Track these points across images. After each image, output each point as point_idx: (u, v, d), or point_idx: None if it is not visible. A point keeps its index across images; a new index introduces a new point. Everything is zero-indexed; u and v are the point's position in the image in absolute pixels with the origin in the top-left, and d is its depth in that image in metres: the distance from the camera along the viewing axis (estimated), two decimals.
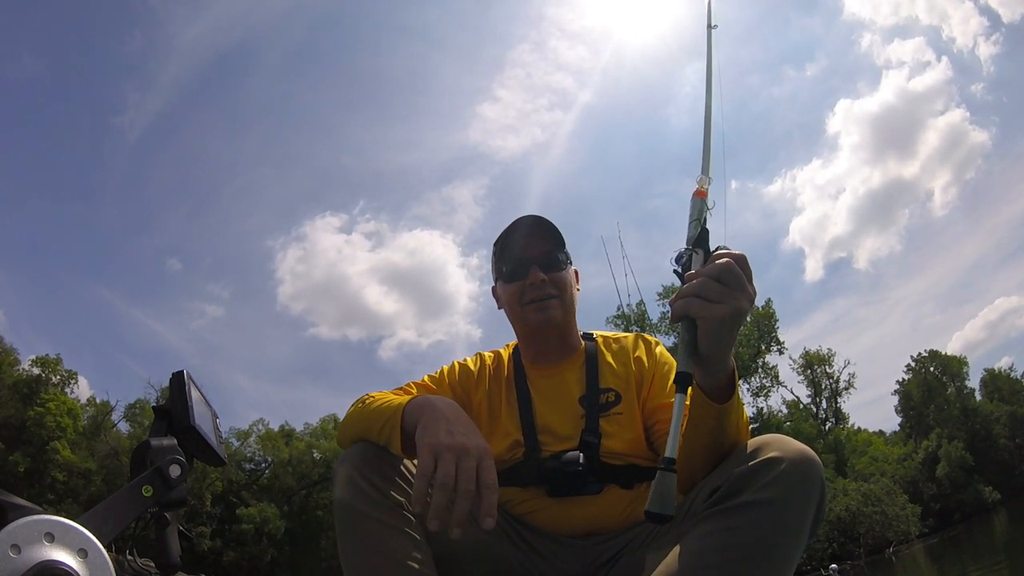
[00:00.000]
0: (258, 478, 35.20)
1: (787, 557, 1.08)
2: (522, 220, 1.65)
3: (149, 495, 0.89)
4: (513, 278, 1.63)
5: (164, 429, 0.99)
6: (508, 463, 1.54)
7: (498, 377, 1.67)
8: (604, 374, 1.60)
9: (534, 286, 1.59)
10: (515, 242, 1.64)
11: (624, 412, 1.53)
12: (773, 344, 34.79)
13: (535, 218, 1.65)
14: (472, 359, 1.73)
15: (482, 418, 1.62)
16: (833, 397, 40.85)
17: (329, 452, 34.53)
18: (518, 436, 1.54)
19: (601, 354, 1.65)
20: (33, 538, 0.71)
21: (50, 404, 28.45)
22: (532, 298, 1.59)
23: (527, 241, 1.63)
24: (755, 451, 1.12)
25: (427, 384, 1.62)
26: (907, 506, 31.57)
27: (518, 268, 1.62)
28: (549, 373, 1.64)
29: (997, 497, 34.76)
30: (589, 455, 1.46)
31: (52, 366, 30.36)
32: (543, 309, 1.59)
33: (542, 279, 1.59)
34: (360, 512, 1.18)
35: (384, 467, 1.23)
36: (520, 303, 1.62)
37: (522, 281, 1.61)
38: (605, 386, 1.58)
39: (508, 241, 1.65)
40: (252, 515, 31.78)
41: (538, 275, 1.59)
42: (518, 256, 1.63)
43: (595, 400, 1.55)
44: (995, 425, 37.25)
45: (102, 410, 32.24)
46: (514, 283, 1.63)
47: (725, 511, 1.09)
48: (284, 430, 37.04)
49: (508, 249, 1.65)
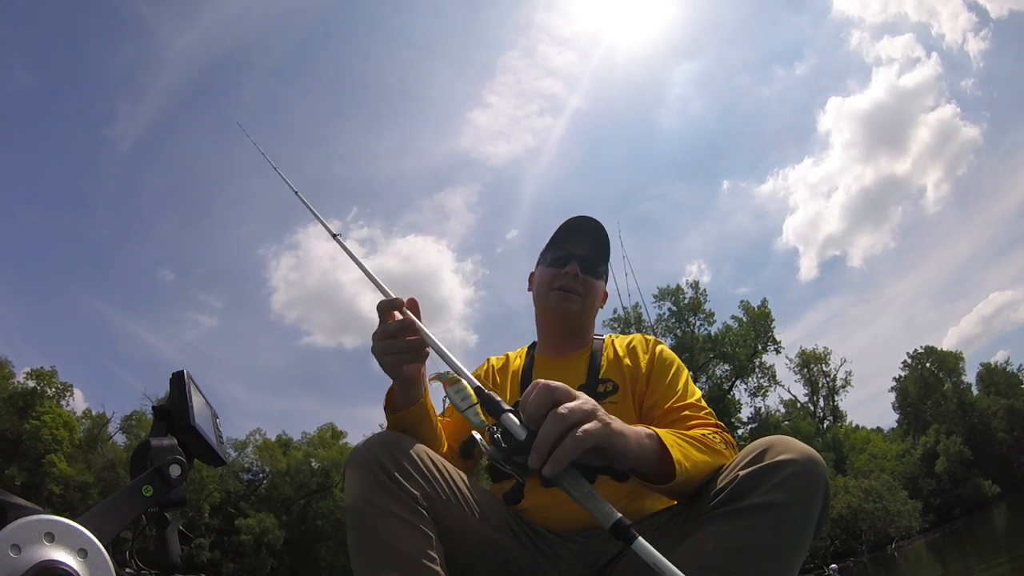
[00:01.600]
0: (256, 488, 35.05)
1: (792, 559, 1.09)
2: (582, 219, 1.74)
3: (149, 495, 0.89)
4: (553, 264, 1.74)
5: (164, 429, 0.98)
6: None
7: (504, 375, 1.76)
8: (605, 366, 1.66)
9: (568, 276, 1.70)
10: (568, 236, 1.75)
11: (619, 402, 1.57)
12: (770, 344, 34.85)
13: (594, 223, 1.74)
14: (481, 366, 1.83)
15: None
16: (830, 395, 40.97)
17: (327, 461, 34.49)
18: None
19: (605, 349, 1.72)
20: (33, 538, 0.71)
21: (45, 417, 28.33)
22: (561, 286, 1.70)
23: (579, 238, 1.74)
24: (760, 453, 1.12)
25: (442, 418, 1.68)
26: (908, 502, 31.62)
27: (561, 258, 1.73)
28: (556, 365, 1.71)
29: (996, 491, 34.85)
30: None
31: (47, 379, 30.23)
32: (566, 299, 1.70)
33: (576, 274, 1.70)
34: (376, 506, 1.15)
35: (401, 460, 1.21)
36: (550, 287, 1.73)
37: (559, 269, 1.72)
38: (604, 377, 1.63)
39: (562, 233, 1.75)
40: (251, 525, 31.62)
41: (575, 269, 1.70)
42: (566, 249, 1.73)
43: (593, 389, 1.59)
44: (993, 419, 37.40)
45: (98, 422, 32.12)
46: (552, 269, 1.74)
47: (731, 513, 1.09)
48: (282, 440, 36.95)
49: (560, 240, 1.76)
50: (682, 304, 34.56)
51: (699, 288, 35.06)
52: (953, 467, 35.27)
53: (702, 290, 35.05)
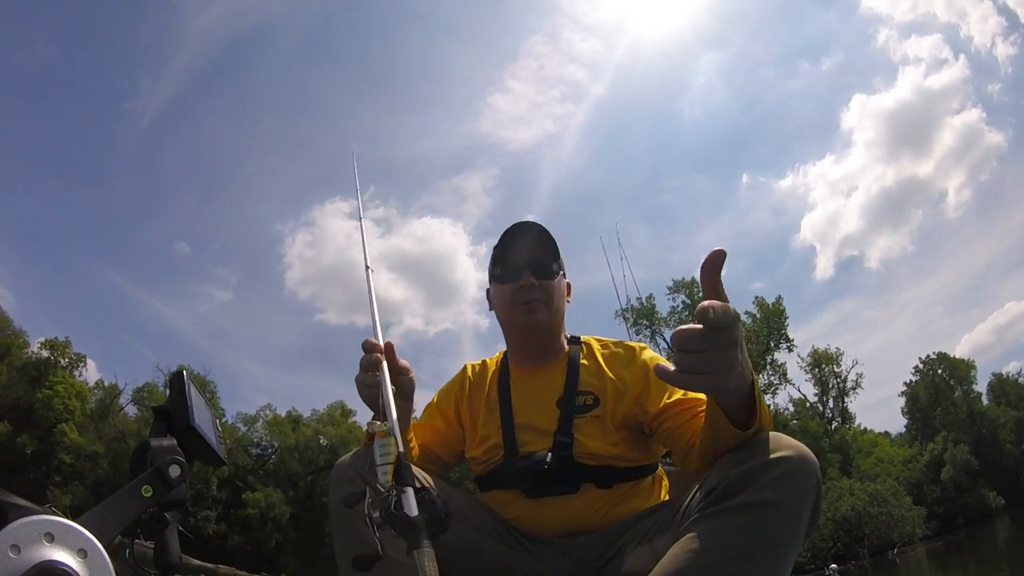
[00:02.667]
0: (264, 463, 35.46)
1: (784, 557, 1.09)
2: (519, 226, 1.70)
3: (149, 495, 0.90)
4: (505, 280, 1.68)
5: (164, 429, 0.99)
6: (488, 465, 1.60)
7: (481, 384, 1.74)
8: (584, 377, 1.62)
9: (524, 289, 1.63)
10: (510, 246, 1.69)
11: (601, 416, 1.55)
12: (782, 341, 34.60)
13: (532, 225, 1.70)
14: (457, 374, 1.81)
15: (466, 426, 1.70)
16: (840, 396, 40.65)
17: (336, 438, 34.78)
18: (497, 439, 1.59)
19: (584, 358, 1.67)
20: (33, 538, 0.72)
21: (58, 387, 28.76)
22: (521, 300, 1.64)
23: (522, 246, 1.68)
24: (753, 451, 1.12)
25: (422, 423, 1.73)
26: (912, 508, 31.46)
27: (511, 271, 1.67)
28: (531, 375, 1.68)
29: (1001, 503, 34.61)
30: (560, 455, 1.49)
31: (61, 349, 30.66)
32: (530, 312, 1.64)
33: (532, 284, 1.63)
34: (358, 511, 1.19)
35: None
36: (509, 304, 1.67)
37: (513, 284, 1.65)
38: (584, 389, 1.60)
39: (504, 245, 1.70)
40: (258, 500, 32.06)
41: (529, 279, 1.63)
42: (512, 260, 1.68)
43: (571, 402, 1.57)
44: (1001, 430, 37.05)
45: (110, 393, 32.56)
46: (506, 285, 1.68)
47: (723, 511, 1.09)
48: (291, 416, 37.28)
49: (503, 253, 1.70)
50: (696, 297, 34.29)
51: None
52: (959, 476, 35.01)
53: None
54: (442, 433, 1.71)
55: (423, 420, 1.74)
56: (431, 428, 1.70)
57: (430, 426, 1.71)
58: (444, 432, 1.71)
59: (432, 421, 1.72)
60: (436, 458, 1.68)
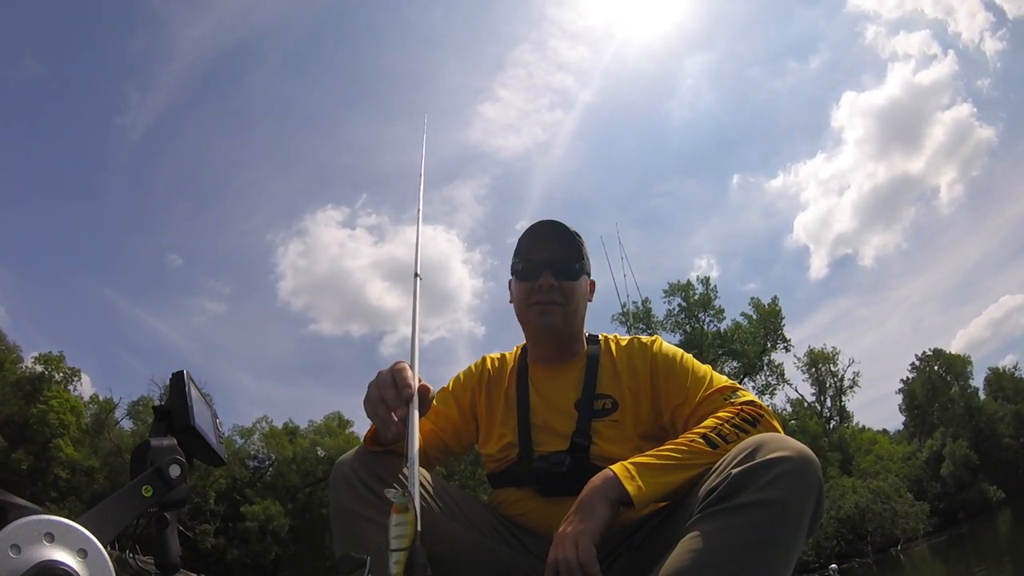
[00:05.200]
0: (262, 476, 35.28)
1: (786, 556, 1.09)
2: (545, 223, 1.66)
3: (149, 495, 0.89)
4: (525, 278, 1.65)
5: (164, 429, 0.99)
6: (503, 463, 1.59)
7: (499, 379, 1.71)
8: (603, 380, 1.61)
9: (542, 289, 1.61)
10: (534, 243, 1.66)
11: (620, 420, 1.54)
12: (779, 342, 34.62)
13: (557, 224, 1.66)
14: (476, 364, 1.77)
15: (481, 421, 1.68)
16: (838, 395, 40.67)
17: (333, 449, 34.59)
18: (512, 438, 1.58)
19: (603, 358, 1.65)
20: (33, 538, 0.71)
21: (53, 402, 28.59)
22: (537, 300, 1.61)
23: (545, 245, 1.65)
24: (753, 451, 1.12)
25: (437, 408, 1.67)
26: (915, 504, 31.49)
27: (531, 269, 1.64)
28: (550, 375, 1.66)
29: (1001, 496, 34.62)
30: (578, 457, 1.48)
31: (55, 363, 30.48)
32: (545, 314, 1.62)
33: (551, 284, 1.61)
34: (355, 513, 1.21)
35: (379, 470, 1.28)
36: (526, 303, 1.64)
37: (532, 282, 1.63)
38: (603, 392, 1.58)
39: (528, 241, 1.67)
40: (256, 513, 31.87)
41: (548, 280, 1.61)
42: (533, 257, 1.65)
43: (589, 404, 1.56)
44: (999, 424, 37.13)
45: (105, 407, 32.41)
46: (525, 283, 1.65)
47: (724, 511, 1.09)
48: (288, 427, 37.11)
49: (526, 248, 1.67)
50: (692, 300, 34.37)
51: (709, 284, 34.79)
52: (958, 471, 35.06)
53: (712, 286, 34.76)
54: (455, 422, 1.68)
55: (438, 405, 1.68)
56: (444, 415, 1.68)
57: (444, 413, 1.68)
58: (457, 422, 1.69)
59: (447, 408, 1.69)
60: (444, 446, 1.67)
